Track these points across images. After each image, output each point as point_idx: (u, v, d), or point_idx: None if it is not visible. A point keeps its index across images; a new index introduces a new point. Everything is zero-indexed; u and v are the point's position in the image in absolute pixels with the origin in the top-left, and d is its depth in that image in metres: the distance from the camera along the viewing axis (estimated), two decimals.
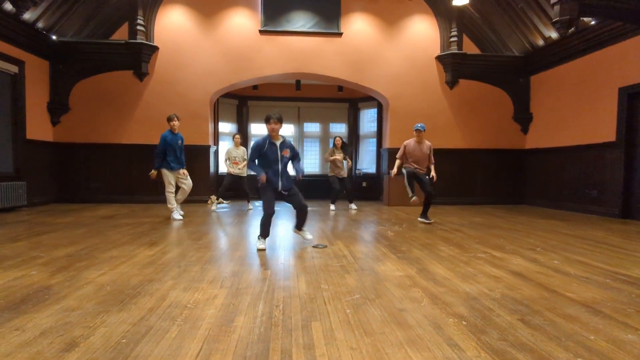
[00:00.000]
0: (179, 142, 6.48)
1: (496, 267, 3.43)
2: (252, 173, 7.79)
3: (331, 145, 8.72)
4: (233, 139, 8.35)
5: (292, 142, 4.39)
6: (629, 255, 3.95)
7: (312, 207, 8.05)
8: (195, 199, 8.82)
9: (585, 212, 7.60)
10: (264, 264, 3.52)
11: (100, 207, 7.84)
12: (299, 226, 4.47)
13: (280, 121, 4.03)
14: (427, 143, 6.23)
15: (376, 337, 2.00)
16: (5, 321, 2.14)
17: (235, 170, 8.07)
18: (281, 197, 4.21)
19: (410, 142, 6.20)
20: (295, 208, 4.31)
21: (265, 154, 4.03)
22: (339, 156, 8.15)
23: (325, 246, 4.28)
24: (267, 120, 4.02)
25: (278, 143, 4.07)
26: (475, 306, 2.46)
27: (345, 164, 8.24)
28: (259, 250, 4.02)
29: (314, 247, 4.24)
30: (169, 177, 6.40)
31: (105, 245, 4.19)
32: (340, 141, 8.32)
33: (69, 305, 2.41)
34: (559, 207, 8.34)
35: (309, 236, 4.44)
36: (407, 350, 1.87)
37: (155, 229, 5.35)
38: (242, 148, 8.33)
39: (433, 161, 6.24)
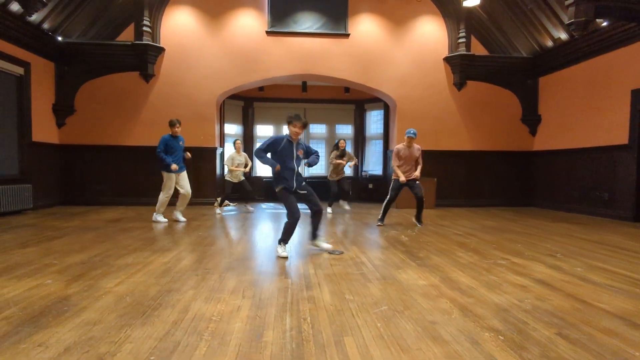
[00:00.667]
0: (180, 143, 6.46)
1: (520, 275, 3.36)
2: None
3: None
4: (234, 145, 8.04)
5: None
6: None
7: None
8: (202, 201, 8.75)
9: (595, 215, 7.53)
10: (283, 272, 3.45)
11: (106, 210, 7.76)
12: (314, 234, 4.32)
13: (304, 127, 4.03)
14: (417, 146, 6.25)
15: (413, 354, 1.93)
16: (27, 336, 2.07)
17: (233, 177, 7.84)
18: (297, 199, 4.10)
19: (401, 147, 6.21)
20: (311, 210, 4.18)
21: (281, 152, 4.00)
22: (342, 161, 8.01)
23: (342, 252, 4.21)
24: (291, 121, 3.98)
25: (294, 144, 4.08)
26: (508, 319, 2.39)
27: (347, 165, 8.12)
28: (281, 257, 3.91)
29: (330, 253, 4.17)
30: (170, 181, 6.34)
31: (117, 251, 4.12)
32: (344, 144, 8.23)
33: (91, 318, 2.33)
34: (568, 209, 8.27)
35: (326, 245, 4.32)
36: None
37: (167, 233, 5.28)
38: (244, 154, 8.16)
39: (420, 162, 6.27)
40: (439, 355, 1.93)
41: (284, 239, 4.03)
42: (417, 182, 6.18)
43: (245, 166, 8.04)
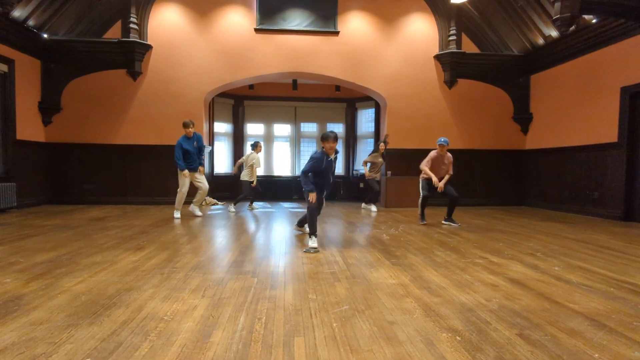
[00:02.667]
0: (194, 143, 6.67)
1: (494, 274, 3.28)
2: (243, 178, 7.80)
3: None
4: (257, 146, 8.04)
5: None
6: (632, 261, 3.80)
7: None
8: (190, 200, 8.66)
9: (586, 214, 7.45)
10: (252, 270, 3.37)
11: (93, 209, 7.69)
12: (302, 222, 5.02)
13: (336, 140, 4.32)
14: (449, 155, 6.21)
15: (362, 355, 1.85)
16: None
17: (253, 177, 7.87)
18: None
19: (434, 154, 6.19)
20: (317, 208, 4.53)
21: (325, 168, 4.37)
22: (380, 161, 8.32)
23: (317, 250, 4.12)
24: (325, 139, 4.27)
25: (332, 158, 4.40)
26: (471, 319, 2.31)
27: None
28: (314, 250, 4.11)
29: (304, 251, 4.09)
30: (182, 179, 6.57)
31: (89, 249, 4.04)
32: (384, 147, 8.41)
33: (38, 317, 2.25)
34: (559, 208, 8.18)
35: (312, 243, 4.30)
36: None
37: (145, 232, 5.19)
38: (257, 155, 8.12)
39: (451, 172, 6.20)
40: (389, 356, 1.85)
41: (313, 232, 4.34)
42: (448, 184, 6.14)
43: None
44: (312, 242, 4.24)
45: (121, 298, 2.60)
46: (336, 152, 4.46)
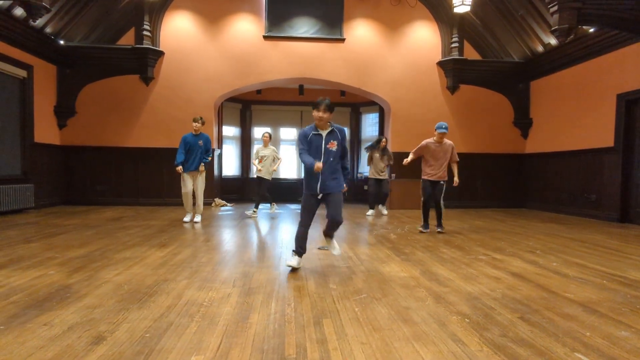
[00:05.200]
0: (200, 142, 6.41)
1: (496, 269, 3.56)
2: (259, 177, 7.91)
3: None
4: (262, 138, 7.70)
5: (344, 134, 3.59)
6: (626, 258, 4.07)
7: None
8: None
9: (584, 217, 7.73)
10: (273, 265, 3.64)
11: (106, 210, 7.96)
12: (327, 234, 3.69)
13: (329, 109, 3.36)
14: (449, 142, 5.62)
15: (384, 333, 2.13)
16: (33, 317, 2.26)
17: (262, 171, 7.46)
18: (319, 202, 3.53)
19: (430, 141, 5.60)
20: (327, 215, 3.48)
21: (310, 144, 3.44)
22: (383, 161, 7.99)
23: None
24: (314, 106, 3.38)
25: (324, 133, 3.44)
26: (477, 305, 2.59)
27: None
28: (289, 266, 3.42)
29: (319, 249, 4.36)
30: (183, 177, 6.41)
31: (116, 246, 4.31)
32: (385, 142, 8.09)
33: (91, 303, 2.53)
34: (558, 211, 8.46)
35: (336, 251, 3.67)
36: (414, 344, 2.00)
37: (163, 231, 5.46)
38: (271, 147, 7.74)
39: (457, 159, 5.65)
40: (407, 334, 2.12)
41: (296, 248, 3.52)
42: (442, 182, 5.59)
43: (273, 160, 7.61)
44: (292, 260, 3.46)
45: (160, 287, 2.87)
46: (340, 131, 3.52)
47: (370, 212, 7.85)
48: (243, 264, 3.62)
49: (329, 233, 3.66)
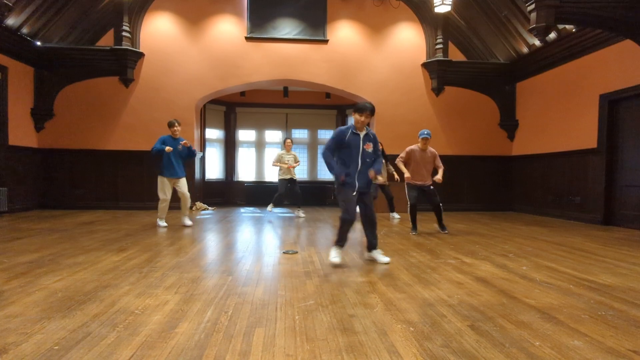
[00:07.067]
0: (179, 147, 6.11)
1: (462, 273, 3.40)
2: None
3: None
4: (284, 144, 8.09)
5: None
6: (599, 262, 3.92)
7: (303, 214, 8.02)
8: (176, 205, 8.76)
9: (569, 219, 7.58)
10: (228, 270, 3.48)
11: (83, 214, 7.78)
12: (371, 244, 3.86)
13: (372, 113, 3.64)
14: (432, 150, 5.78)
15: (317, 344, 1.96)
16: None
17: (285, 174, 7.78)
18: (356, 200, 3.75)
19: (415, 148, 5.71)
20: (361, 215, 3.81)
21: (348, 144, 3.63)
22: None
23: (296, 252, 4.24)
24: (359, 110, 3.60)
25: (362, 134, 3.68)
26: (428, 312, 2.43)
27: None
28: (333, 263, 3.59)
29: (284, 253, 4.20)
30: (162, 184, 6.09)
31: (73, 251, 4.14)
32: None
33: (13, 311, 2.36)
34: (544, 213, 8.32)
35: (383, 259, 3.75)
36: (343, 356, 1.83)
37: (131, 235, 5.29)
38: (293, 153, 8.05)
39: (441, 166, 5.74)
40: (341, 345, 1.96)
41: (338, 240, 3.72)
42: (432, 187, 5.68)
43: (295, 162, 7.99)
44: (333, 255, 3.68)
45: (97, 294, 2.70)
46: (374, 135, 3.76)
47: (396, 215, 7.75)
48: (197, 269, 3.45)
49: (372, 242, 3.84)
